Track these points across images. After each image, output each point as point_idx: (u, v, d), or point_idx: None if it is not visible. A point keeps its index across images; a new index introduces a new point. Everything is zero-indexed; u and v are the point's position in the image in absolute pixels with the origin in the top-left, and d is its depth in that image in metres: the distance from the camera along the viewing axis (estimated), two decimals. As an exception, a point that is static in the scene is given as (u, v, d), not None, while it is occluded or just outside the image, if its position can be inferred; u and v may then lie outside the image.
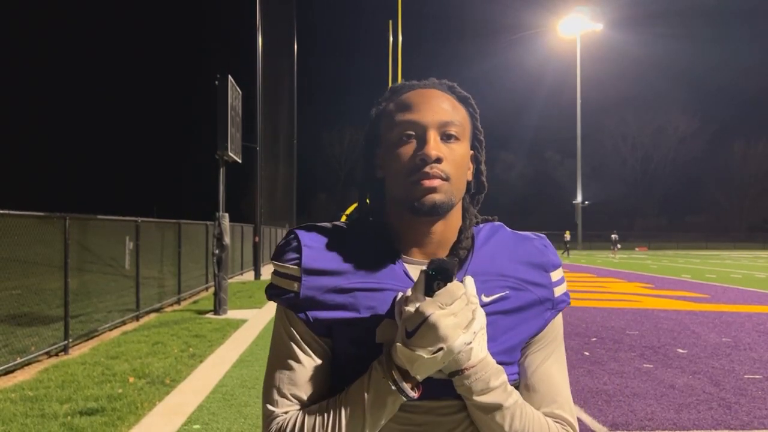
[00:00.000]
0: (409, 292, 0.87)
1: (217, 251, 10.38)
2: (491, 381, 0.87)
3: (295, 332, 0.95)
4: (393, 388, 0.85)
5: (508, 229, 1.07)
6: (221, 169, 10.66)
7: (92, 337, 7.96)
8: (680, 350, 7.30)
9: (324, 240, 0.98)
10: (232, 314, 10.25)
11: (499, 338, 0.94)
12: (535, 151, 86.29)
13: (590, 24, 54.85)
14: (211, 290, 12.56)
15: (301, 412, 0.92)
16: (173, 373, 6.03)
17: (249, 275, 19.80)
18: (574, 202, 53.84)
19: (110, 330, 8.55)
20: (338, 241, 0.98)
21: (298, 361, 0.94)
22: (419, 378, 0.85)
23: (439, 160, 0.92)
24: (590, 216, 56.79)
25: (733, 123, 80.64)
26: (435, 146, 0.93)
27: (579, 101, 53.07)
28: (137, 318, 9.59)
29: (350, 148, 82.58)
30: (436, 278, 0.84)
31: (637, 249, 53.53)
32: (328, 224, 1.03)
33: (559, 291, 1.03)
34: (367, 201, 1.06)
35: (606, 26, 58.64)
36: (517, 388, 0.98)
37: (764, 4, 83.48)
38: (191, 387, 5.58)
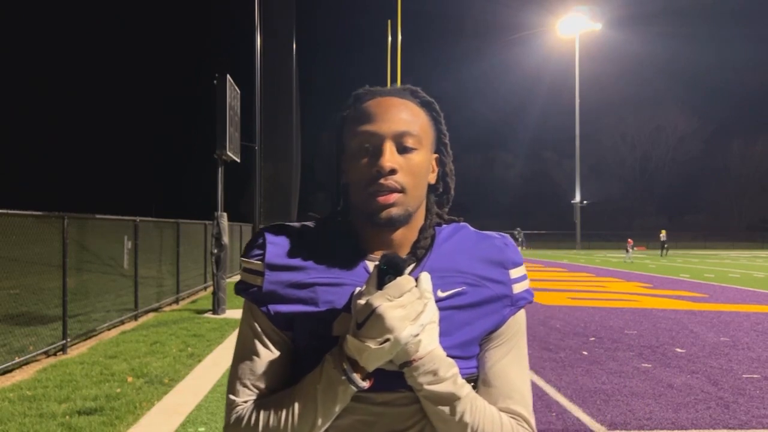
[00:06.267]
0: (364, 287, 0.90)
1: (215, 251, 10.37)
2: (439, 372, 0.89)
3: (257, 326, 1.00)
4: (343, 378, 0.87)
5: (471, 228, 1.09)
6: (220, 169, 10.65)
7: (90, 337, 7.95)
8: (678, 350, 7.31)
9: (289, 238, 1.02)
10: (230, 314, 10.25)
11: (454, 333, 0.96)
12: (534, 150, 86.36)
13: (589, 24, 54.86)
14: (210, 290, 12.55)
15: (259, 401, 0.96)
16: (172, 372, 6.02)
17: (248, 275, 19.76)
18: (572, 201, 53.83)
19: (108, 330, 8.54)
20: (303, 240, 1.02)
21: (259, 353, 0.99)
22: (369, 369, 0.88)
23: (393, 172, 0.95)
24: (589, 216, 56.78)
25: (732, 122, 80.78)
26: (390, 158, 0.95)
27: (578, 101, 53.08)
28: (136, 318, 9.57)
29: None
30: (387, 272, 0.87)
31: (635, 248, 53.56)
32: (296, 224, 1.07)
33: (518, 288, 1.04)
34: (339, 204, 1.08)
35: (605, 26, 58.66)
36: (475, 382, 1.01)
37: (763, 4, 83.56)
38: (190, 386, 5.57)
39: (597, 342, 7.79)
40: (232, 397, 0.98)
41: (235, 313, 10.28)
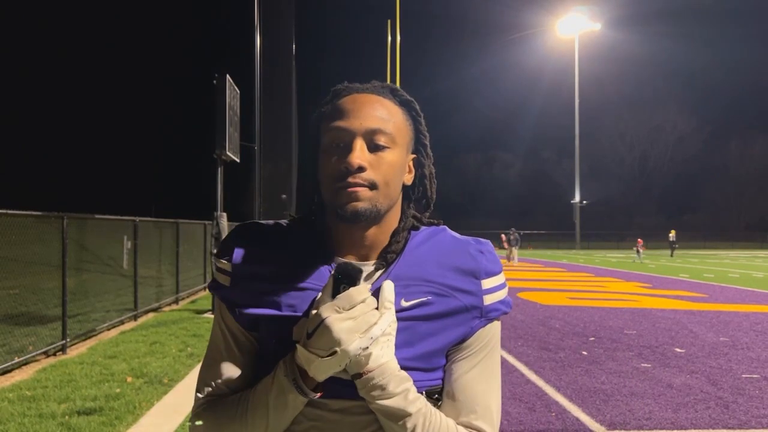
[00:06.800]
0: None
1: (215, 250, 10.36)
2: (390, 387, 0.87)
3: (225, 325, 1.01)
4: (292, 386, 0.88)
5: (449, 233, 1.05)
6: (219, 169, 10.65)
7: (90, 337, 7.94)
8: (678, 350, 7.31)
9: (260, 238, 1.01)
10: (230, 314, 10.24)
11: (416, 344, 0.94)
12: (533, 150, 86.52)
13: (588, 24, 54.90)
14: (210, 290, 12.54)
15: (219, 401, 0.97)
16: (171, 372, 6.03)
17: (247, 275, 19.76)
18: (572, 201, 53.86)
19: (108, 330, 8.53)
20: (274, 240, 1.01)
21: (225, 353, 1.00)
22: (318, 379, 0.87)
23: (361, 169, 0.92)
24: (588, 215, 56.82)
25: (731, 122, 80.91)
26: (359, 155, 0.92)
27: (577, 100, 53.12)
28: (135, 318, 9.57)
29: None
30: (342, 282, 0.86)
31: (634, 248, 53.53)
32: (270, 222, 1.06)
33: (491, 299, 1.00)
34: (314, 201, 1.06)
35: (604, 26, 58.71)
36: (439, 394, 0.98)
37: (762, 4, 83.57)
38: (189, 386, 5.57)
39: (596, 342, 7.79)
40: (198, 395, 0.99)
41: (234, 313, 10.27)
